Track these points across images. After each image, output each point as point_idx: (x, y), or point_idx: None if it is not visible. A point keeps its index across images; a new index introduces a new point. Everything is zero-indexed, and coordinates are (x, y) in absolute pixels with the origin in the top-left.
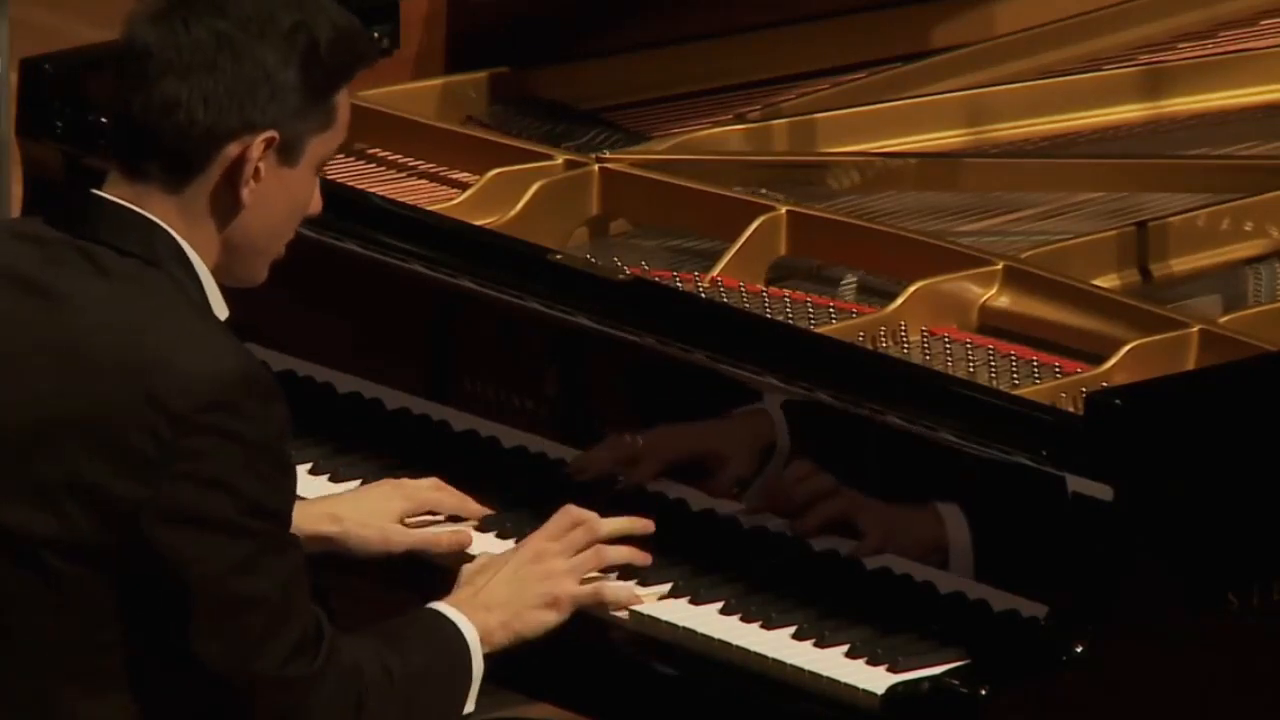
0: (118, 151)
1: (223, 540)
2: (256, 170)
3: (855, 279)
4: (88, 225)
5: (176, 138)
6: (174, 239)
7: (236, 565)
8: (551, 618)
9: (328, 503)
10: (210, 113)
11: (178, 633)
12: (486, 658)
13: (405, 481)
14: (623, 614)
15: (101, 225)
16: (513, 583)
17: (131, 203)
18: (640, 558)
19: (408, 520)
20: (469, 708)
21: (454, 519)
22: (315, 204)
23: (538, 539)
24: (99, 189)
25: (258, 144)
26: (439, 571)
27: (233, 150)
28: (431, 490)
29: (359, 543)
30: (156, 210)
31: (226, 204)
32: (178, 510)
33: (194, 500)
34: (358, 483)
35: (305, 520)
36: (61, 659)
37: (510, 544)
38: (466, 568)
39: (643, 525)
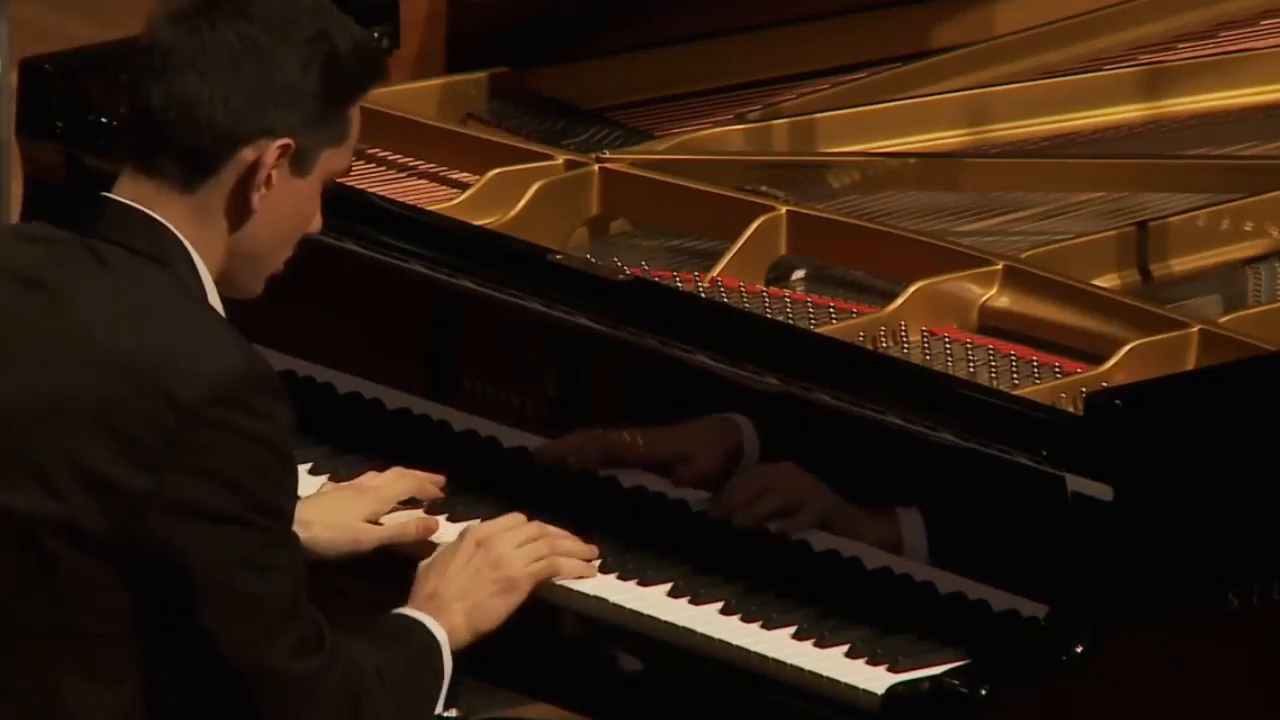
0: (131, 148)
1: (229, 535)
2: (269, 177)
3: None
4: (96, 225)
5: (194, 136)
6: (180, 241)
7: (243, 561)
8: (510, 602)
9: (296, 508)
10: (230, 114)
11: (185, 627)
12: (454, 655)
13: (368, 484)
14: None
15: (110, 225)
16: (465, 573)
17: (141, 204)
18: (587, 553)
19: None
20: (439, 709)
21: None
22: (316, 222)
23: (480, 527)
24: (108, 191)
25: (274, 150)
26: (411, 566)
27: (248, 155)
28: (394, 484)
29: (328, 545)
30: (165, 212)
31: (236, 208)
32: (184, 503)
33: (200, 494)
34: None
35: None
36: (63, 648)
37: None
38: (422, 565)
39: (588, 550)
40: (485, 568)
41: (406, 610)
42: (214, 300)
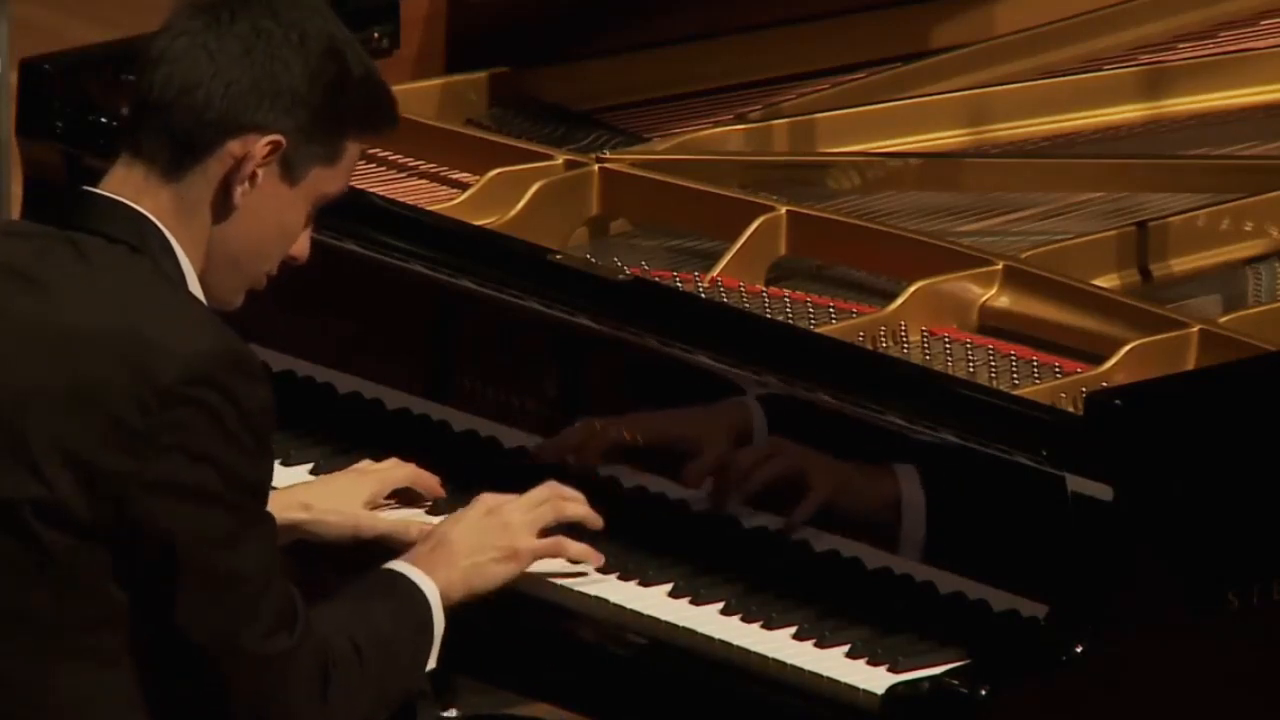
0: (127, 132)
1: (207, 513)
2: (255, 174)
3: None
4: (77, 218)
5: (188, 117)
6: (160, 230)
7: (220, 540)
8: (510, 570)
9: (297, 491)
10: (228, 100)
11: (163, 607)
12: (445, 613)
13: (369, 467)
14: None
15: (90, 217)
16: (471, 536)
17: (125, 195)
18: (594, 520)
19: (375, 505)
20: (431, 664)
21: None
22: (302, 246)
23: (493, 495)
24: (92, 186)
25: (262, 145)
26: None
27: (235, 148)
28: (393, 469)
29: (329, 530)
30: (148, 203)
31: (218, 203)
32: (165, 483)
33: (180, 473)
34: None
35: (276, 509)
36: (57, 634)
37: None
38: (434, 524)
39: (594, 519)
40: (492, 532)
41: (399, 564)
42: (195, 289)
